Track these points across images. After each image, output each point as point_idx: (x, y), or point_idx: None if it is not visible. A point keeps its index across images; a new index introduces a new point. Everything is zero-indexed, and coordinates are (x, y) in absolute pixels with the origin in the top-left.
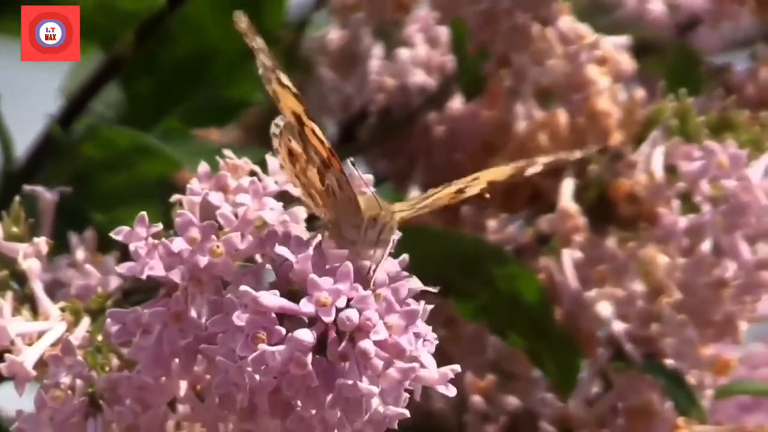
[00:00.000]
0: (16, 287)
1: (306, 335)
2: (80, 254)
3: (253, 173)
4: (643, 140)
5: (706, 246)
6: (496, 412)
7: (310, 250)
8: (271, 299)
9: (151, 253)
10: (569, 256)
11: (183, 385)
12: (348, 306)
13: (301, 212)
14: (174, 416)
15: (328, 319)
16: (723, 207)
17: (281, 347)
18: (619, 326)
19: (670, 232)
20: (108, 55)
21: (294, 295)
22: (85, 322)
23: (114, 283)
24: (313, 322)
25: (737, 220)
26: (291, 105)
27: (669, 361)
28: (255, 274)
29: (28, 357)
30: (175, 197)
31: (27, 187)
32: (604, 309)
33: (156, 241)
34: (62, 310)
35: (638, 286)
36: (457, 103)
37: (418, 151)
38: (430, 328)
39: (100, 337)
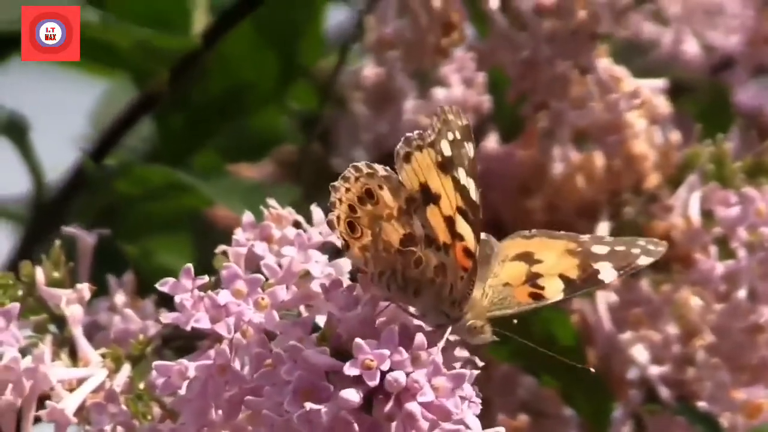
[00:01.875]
0: (55, 331)
1: (352, 395)
2: (120, 298)
3: (297, 224)
4: (678, 183)
5: (742, 293)
6: None
7: (359, 309)
8: (320, 358)
9: (197, 306)
10: (604, 298)
11: None
12: (392, 368)
13: (346, 265)
14: None
15: (373, 383)
16: (760, 254)
17: (328, 406)
18: (654, 369)
19: (707, 278)
20: (141, 90)
21: (343, 352)
22: (126, 368)
23: (153, 327)
24: (360, 380)
25: None
26: (434, 185)
27: (702, 404)
28: (303, 327)
29: (69, 404)
30: (220, 248)
31: (66, 229)
32: (639, 352)
33: (202, 294)
34: (103, 356)
35: (672, 329)
36: (492, 143)
37: None
38: (476, 390)
39: (141, 385)
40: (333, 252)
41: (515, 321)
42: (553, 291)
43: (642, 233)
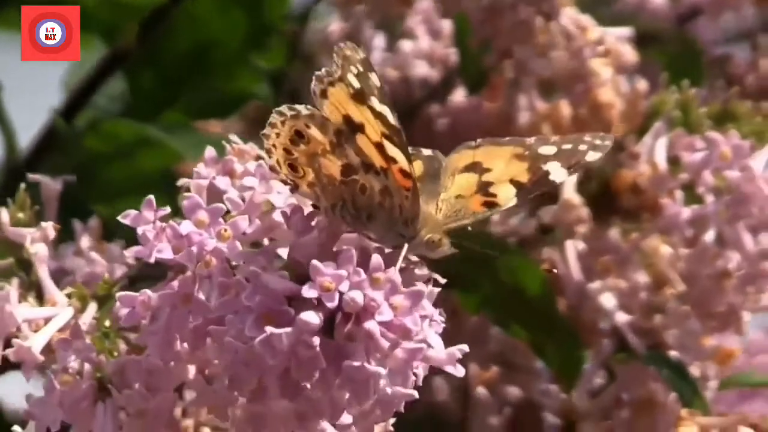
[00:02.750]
0: (22, 274)
1: (312, 317)
2: (85, 242)
3: (259, 158)
4: (645, 132)
5: (709, 237)
6: (500, 403)
7: (315, 233)
8: (279, 282)
9: (159, 237)
10: (572, 247)
11: (191, 370)
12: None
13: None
14: (181, 402)
15: (331, 304)
16: (726, 198)
17: (288, 329)
18: (622, 318)
19: (673, 223)
20: (111, 48)
21: (304, 278)
22: (92, 308)
23: (120, 270)
24: (320, 303)
25: (740, 211)
26: (355, 116)
27: (672, 353)
28: (265, 256)
29: (35, 342)
30: (182, 181)
31: (31, 176)
32: (608, 300)
33: (164, 225)
34: (69, 296)
35: (641, 277)
36: (459, 96)
37: (419, 143)
38: (438, 309)
39: (107, 323)
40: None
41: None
42: (506, 197)
43: (610, 182)
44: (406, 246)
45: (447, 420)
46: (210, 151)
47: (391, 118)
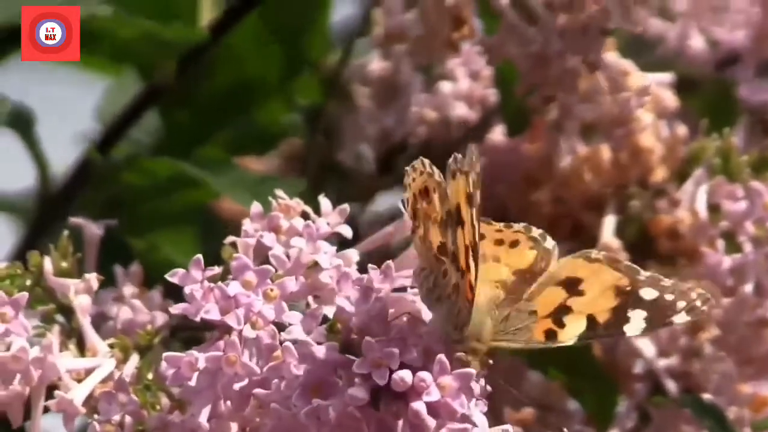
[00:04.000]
0: (62, 321)
1: (360, 392)
2: (127, 289)
3: (305, 214)
4: (684, 178)
5: (749, 287)
6: None
7: (371, 303)
8: (328, 354)
9: (207, 296)
10: None
11: (234, 428)
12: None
13: (354, 255)
14: None
15: (382, 381)
16: (767, 248)
17: (335, 402)
18: (660, 362)
19: (714, 272)
20: (147, 83)
21: (352, 346)
22: (134, 359)
23: (160, 318)
24: (368, 377)
25: None
26: (464, 212)
27: (708, 397)
28: (313, 319)
29: (77, 394)
30: (229, 239)
31: (73, 220)
32: (645, 345)
33: (212, 285)
34: (111, 346)
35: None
36: (498, 135)
37: None
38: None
39: (150, 375)
40: (340, 243)
41: None
42: (570, 334)
43: (648, 227)
44: None
45: None
46: (256, 207)
47: (477, 234)
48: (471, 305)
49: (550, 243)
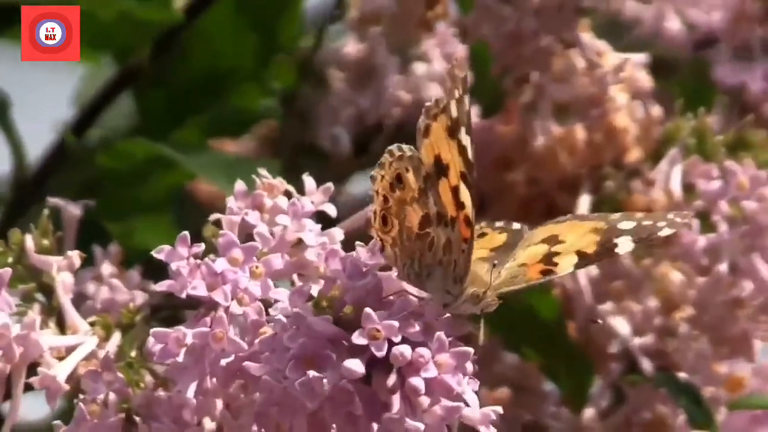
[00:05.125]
0: (42, 300)
1: (356, 365)
2: (106, 268)
3: (288, 193)
4: (659, 158)
5: (723, 267)
6: (509, 425)
7: (369, 278)
8: (325, 326)
9: (193, 273)
10: (584, 272)
11: (219, 404)
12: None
13: (338, 234)
14: None
15: (380, 354)
16: (742, 228)
17: (329, 374)
18: (634, 341)
19: (689, 251)
20: (122, 66)
21: (345, 321)
22: (116, 336)
23: (140, 297)
24: (362, 350)
25: (755, 241)
26: (445, 155)
27: (683, 375)
28: (301, 295)
29: (61, 371)
30: (213, 217)
31: (51, 200)
32: (620, 324)
33: (198, 261)
34: (92, 324)
35: (652, 302)
36: (472, 117)
37: None
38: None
39: (132, 353)
40: (323, 221)
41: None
42: (565, 266)
43: (622, 207)
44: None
45: None
46: (240, 185)
47: (470, 154)
48: (469, 242)
49: (517, 225)
